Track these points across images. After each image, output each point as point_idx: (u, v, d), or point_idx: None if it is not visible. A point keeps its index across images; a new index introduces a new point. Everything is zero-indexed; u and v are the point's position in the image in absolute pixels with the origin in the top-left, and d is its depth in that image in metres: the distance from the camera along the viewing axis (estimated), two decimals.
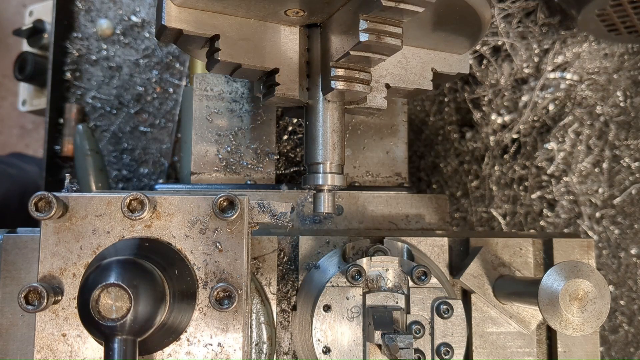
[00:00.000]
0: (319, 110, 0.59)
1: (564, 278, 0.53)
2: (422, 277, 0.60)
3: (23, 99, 1.22)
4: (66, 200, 0.52)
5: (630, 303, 0.97)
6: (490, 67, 0.99)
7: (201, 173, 0.75)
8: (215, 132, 0.76)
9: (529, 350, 0.65)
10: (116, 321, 0.44)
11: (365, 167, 0.78)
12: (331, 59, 0.56)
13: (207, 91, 0.77)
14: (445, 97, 1.00)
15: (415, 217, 0.75)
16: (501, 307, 0.64)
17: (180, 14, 0.52)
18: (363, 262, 0.60)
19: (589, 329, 0.53)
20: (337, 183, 0.59)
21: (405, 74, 0.63)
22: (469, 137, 0.99)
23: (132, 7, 1.01)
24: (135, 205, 0.52)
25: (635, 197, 0.98)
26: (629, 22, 0.87)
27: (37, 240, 0.53)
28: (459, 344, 0.60)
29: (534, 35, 0.99)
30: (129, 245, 0.51)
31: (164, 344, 0.51)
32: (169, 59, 0.99)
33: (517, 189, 0.98)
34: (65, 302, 0.51)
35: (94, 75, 1.00)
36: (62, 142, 0.98)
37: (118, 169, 0.98)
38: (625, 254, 0.98)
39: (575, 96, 0.99)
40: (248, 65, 0.56)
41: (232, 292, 0.51)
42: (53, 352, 0.50)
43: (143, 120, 0.99)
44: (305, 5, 0.54)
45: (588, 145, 0.99)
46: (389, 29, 0.51)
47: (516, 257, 0.66)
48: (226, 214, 0.52)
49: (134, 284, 0.45)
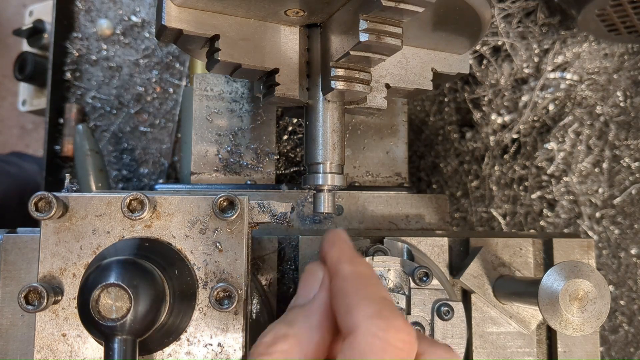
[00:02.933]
0: (319, 110, 0.59)
1: (564, 278, 0.53)
2: (424, 278, 0.60)
3: (23, 99, 1.22)
4: (66, 200, 0.52)
5: (630, 303, 0.97)
6: (490, 67, 0.99)
7: (201, 173, 0.75)
8: (215, 132, 0.76)
9: (529, 350, 0.65)
10: (116, 321, 0.44)
11: (365, 167, 0.78)
12: (331, 59, 0.56)
13: (207, 91, 0.77)
14: (445, 97, 1.00)
15: (415, 217, 0.75)
16: (501, 307, 0.64)
17: (180, 14, 0.52)
18: None
19: (589, 329, 0.53)
20: (337, 183, 0.59)
21: (405, 74, 0.63)
22: (469, 137, 0.99)
23: (132, 7, 1.01)
24: (135, 205, 0.52)
25: (635, 197, 0.98)
26: (629, 22, 0.87)
27: (37, 240, 0.53)
28: (458, 346, 0.60)
29: (534, 35, 0.99)
30: (129, 245, 0.51)
31: (164, 344, 0.51)
32: (169, 59, 0.99)
33: (517, 189, 0.98)
34: (65, 302, 0.51)
35: (94, 75, 1.00)
36: (62, 142, 0.97)
37: (118, 169, 0.98)
38: (625, 254, 0.98)
39: (575, 96, 0.99)
40: (248, 65, 0.56)
41: (232, 292, 0.51)
42: (53, 352, 0.50)
43: (143, 120, 0.99)
44: (305, 5, 0.54)
45: (588, 145, 0.99)
46: (389, 29, 0.51)
47: (516, 257, 0.66)
48: (226, 214, 0.52)
49: (134, 284, 0.45)
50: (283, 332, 0.45)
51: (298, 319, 0.46)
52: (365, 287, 0.44)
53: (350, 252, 0.48)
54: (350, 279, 0.45)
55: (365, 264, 0.47)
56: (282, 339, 0.44)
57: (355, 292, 0.44)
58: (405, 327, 0.42)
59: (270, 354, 0.44)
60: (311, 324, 0.46)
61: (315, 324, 0.46)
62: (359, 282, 0.45)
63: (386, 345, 0.41)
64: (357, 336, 0.41)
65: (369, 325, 0.41)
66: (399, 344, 0.41)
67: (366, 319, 0.42)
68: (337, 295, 0.45)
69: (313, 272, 0.49)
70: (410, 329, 0.42)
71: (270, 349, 0.44)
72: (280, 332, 0.45)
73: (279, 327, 0.46)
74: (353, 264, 0.47)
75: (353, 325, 0.42)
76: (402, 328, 0.42)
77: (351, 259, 0.47)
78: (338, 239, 0.49)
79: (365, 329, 0.41)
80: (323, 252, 0.50)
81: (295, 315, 0.47)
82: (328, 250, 0.49)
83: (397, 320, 0.42)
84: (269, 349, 0.44)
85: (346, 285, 0.45)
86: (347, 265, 0.46)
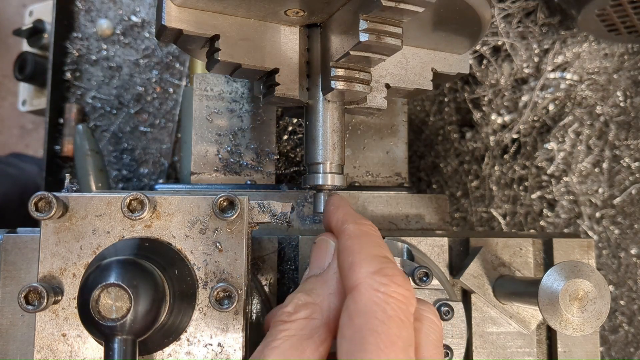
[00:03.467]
0: (319, 110, 0.59)
1: (564, 278, 0.53)
2: (424, 278, 0.60)
3: (23, 99, 1.22)
4: (66, 200, 0.52)
5: (630, 303, 0.97)
6: (490, 67, 0.99)
7: (201, 173, 0.75)
8: (215, 132, 0.76)
9: (529, 350, 0.65)
10: (116, 321, 0.44)
11: (365, 167, 0.78)
12: (331, 59, 0.56)
13: (207, 91, 0.77)
14: (445, 97, 1.00)
15: (415, 217, 0.75)
16: (501, 307, 0.64)
17: (180, 14, 0.52)
18: None
19: (589, 329, 0.53)
20: (337, 183, 0.59)
21: (405, 74, 0.63)
22: (469, 137, 0.99)
23: (132, 7, 1.01)
24: (135, 205, 0.52)
25: (635, 197, 0.98)
26: (629, 22, 0.87)
27: (37, 240, 0.53)
28: (458, 346, 0.60)
29: (534, 35, 0.99)
30: (129, 245, 0.51)
31: (164, 344, 0.51)
32: (169, 59, 0.99)
33: (517, 189, 0.98)
34: (65, 302, 0.51)
35: (94, 75, 1.00)
36: (62, 142, 0.97)
37: (118, 169, 0.98)
38: (625, 254, 0.98)
39: (575, 96, 0.99)
40: (248, 65, 0.56)
41: (232, 292, 0.51)
42: (53, 352, 0.50)
43: (143, 120, 0.99)
44: (305, 5, 0.54)
45: (588, 145, 0.99)
46: (389, 29, 0.51)
47: (516, 257, 0.66)
48: (226, 214, 0.52)
49: (134, 284, 0.45)
50: (303, 300, 0.47)
51: (316, 287, 0.48)
52: (368, 246, 0.46)
53: (354, 213, 0.50)
54: (355, 237, 0.47)
55: (369, 224, 0.49)
56: (303, 307, 0.46)
57: (359, 250, 0.45)
58: (405, 283, 0.44)
59: (293, 321, 0.45)
60: (330, 290, 0.48)
61: (334, 290, 0.48)
62: (363, 240, 0.47)
63: (388, 298, 0.42)
64: (360, 291, 0.43)
65: (371, 281, 0.43)
66: (400, 297, 0.43)
67: (369, 275, 0.43)
68: (342, 253, 0.47)
69: (324, 242, 0.51)
70: (409, 285, 0.44)
71: (293, 317, 0.46)
72: (301, 301, 0.47)
73: (299, 296, 0.47)
74: (358, 224, 0.48)
75: (356, 281, 0.43)
76: (402, 284, 0.43)
77: (355, 219, 0.49)
78: (342, 203, 0.52)
79: (367, 285, 0.43)
80: (328, 215, 0.52)
81: (313, 283, 0.49)
82: (334, 212, 0.51)
83: (397, 277, 0.43)
84: (291, 316, 0.46)
85: (351, 244, 0.46)
86: (351, 226, 0.48)
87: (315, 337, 0.45)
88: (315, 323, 0.45)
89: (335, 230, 0.50)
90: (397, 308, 0.42)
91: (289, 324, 0.45)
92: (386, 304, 0.42)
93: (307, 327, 0.45)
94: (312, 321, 0.46)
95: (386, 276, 0.43)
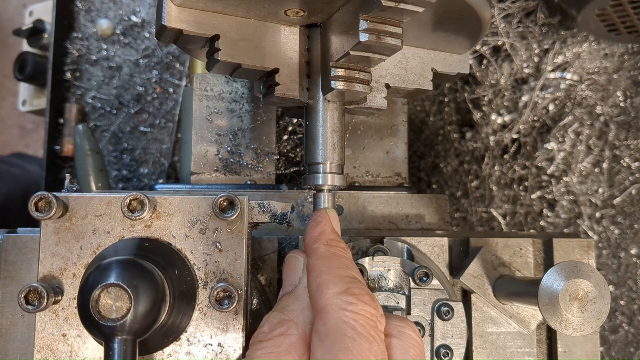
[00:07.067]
0: (319, 110, 0.59)
1: (564, 278, 0.53)
2: (424, 278, 0.60)
3: (23, 99, 1.22)
4: (66, 200, 0.52)
5: (630, 303, 0.97)
6: (490, 67, 0.99)
7: (201, 173, 0.75)
8: (215, 132, 0.76)
9: (529, 350, 0.65)
10: (116, 321, 0.44)
11: (365, 167, 0.78)
12: (331, 59, 0.56)
13: (207, 91, 0.77)
14: (445, 97, 1.00)
15: (415, 217, 0.75)
16: (501, 307, 0.64)
17: (180, 14, 0.52)
18: (365, 262, 0.60)
19: (589, 329, 0.53)
20: (337, 183, 0.59)
21: (405, 74, 0.63)
22: (469, 137, 0.99)
23: (132, 7, 1.01)
24: (135, 205, 0.52)
25: (635, 197, 0.98)
26: (629, 22, 0.87)
27: (37, 240, 0.53)
28: (458, 346, 0.60)
29: (534, 35, 0.99)
30: (129, 245, 0.51)
31: (164, 344, 0.51)
32: (169, 59, 0.99)
33: (517, 189, 0.98)
34: (65, 302, 0.51)
35: (94, 75, 1.00)
36: (62, 142, 0.97)
37: (118, 169, 0.98)
38: (625, 254, 0.98)
39: (575, 96, 0.99)
40: (248, 65, 0.56)
41: (232, 292, 0.51)
42: (53, 352, 0.50)
43: (143, 120, 0.99)
44: (305, 5, 0.54)
45: (588, 145, 0.99)
46: (389, 29, 0.51)
47: (516, 257, 0.66)
48: (226, 214, 0.52)
49: (134, 284, 0.45)
50: (278, 318, 0.48)
51: (289, 304, 0.49)
52: (336, 268, 0.47)
53: (331, 232, 0.51)
54: (324, 258, 0.48)
55: (341, 245, 0.50)
56: (278, 325, 0.47)
57: (327, 271, 0.46)
58: (372, 302, 0.44)
59: (269, 339, 0.46)
60: (303, 305, 0.48)
61: (307, 304, 0.48)
62: (332, 261, 0.47)
63: (356, 316, 0.43)
64: (328, 312, 0.44)
65: (338, 301, 0.44)
66: (368, 315, 0.44)
67: (336, 295, 0.44)
68: (310, 273, 0.47)
69: (293, 259, 0.52)
70: (377, 304, 0.45)
71: (269, 335, 0.46)
72: (275, 319, 0.48)
73: (273, 314, 0.48)
74: (329, 245, 0.49)
75: (324, 302, 0.44)
76: (370, 302, 0.44)
77: (328, 240, 0.49)
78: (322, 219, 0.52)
79: (335, 305, 0.44)
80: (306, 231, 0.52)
81: (285, 301, 0.49)
82: (311, 229, 0.51)
83: (364, 296, 0.44)
84: (267, 335, 0.46)
85: (320, 264, 0.47)
86: (322, 246, 0.49)
87: (292, 352, 0.45)
88: (292, 339, 0.46)
89: (307, 247, 0.51)
90: (366, 325, 0.43)
91: (265, 342, 0.46)
92: (354, 321, 0.43)
93: (283, 344, 0.46)
94: (288, 337, 0.46)
95: (353, 295, 0.44)
